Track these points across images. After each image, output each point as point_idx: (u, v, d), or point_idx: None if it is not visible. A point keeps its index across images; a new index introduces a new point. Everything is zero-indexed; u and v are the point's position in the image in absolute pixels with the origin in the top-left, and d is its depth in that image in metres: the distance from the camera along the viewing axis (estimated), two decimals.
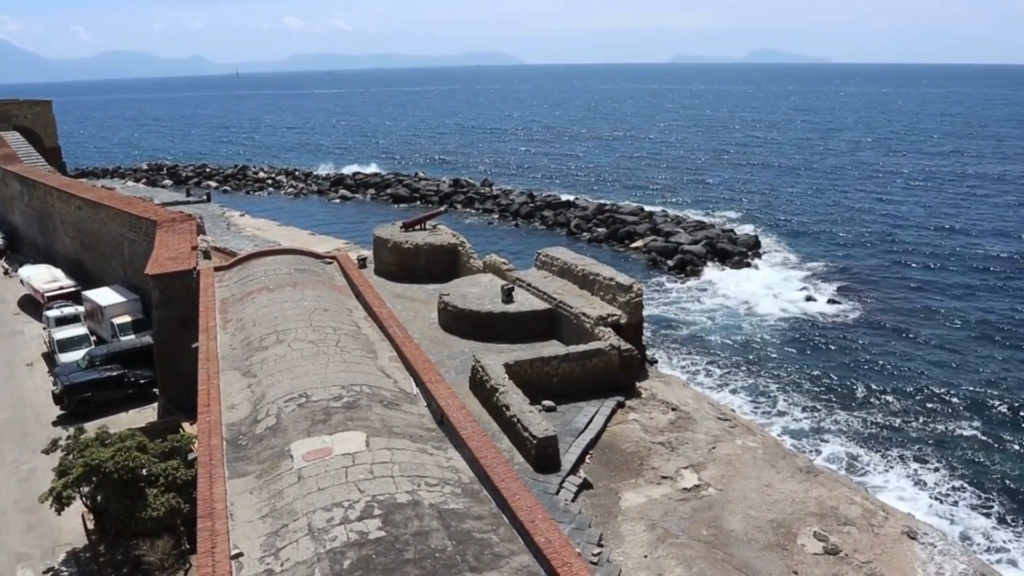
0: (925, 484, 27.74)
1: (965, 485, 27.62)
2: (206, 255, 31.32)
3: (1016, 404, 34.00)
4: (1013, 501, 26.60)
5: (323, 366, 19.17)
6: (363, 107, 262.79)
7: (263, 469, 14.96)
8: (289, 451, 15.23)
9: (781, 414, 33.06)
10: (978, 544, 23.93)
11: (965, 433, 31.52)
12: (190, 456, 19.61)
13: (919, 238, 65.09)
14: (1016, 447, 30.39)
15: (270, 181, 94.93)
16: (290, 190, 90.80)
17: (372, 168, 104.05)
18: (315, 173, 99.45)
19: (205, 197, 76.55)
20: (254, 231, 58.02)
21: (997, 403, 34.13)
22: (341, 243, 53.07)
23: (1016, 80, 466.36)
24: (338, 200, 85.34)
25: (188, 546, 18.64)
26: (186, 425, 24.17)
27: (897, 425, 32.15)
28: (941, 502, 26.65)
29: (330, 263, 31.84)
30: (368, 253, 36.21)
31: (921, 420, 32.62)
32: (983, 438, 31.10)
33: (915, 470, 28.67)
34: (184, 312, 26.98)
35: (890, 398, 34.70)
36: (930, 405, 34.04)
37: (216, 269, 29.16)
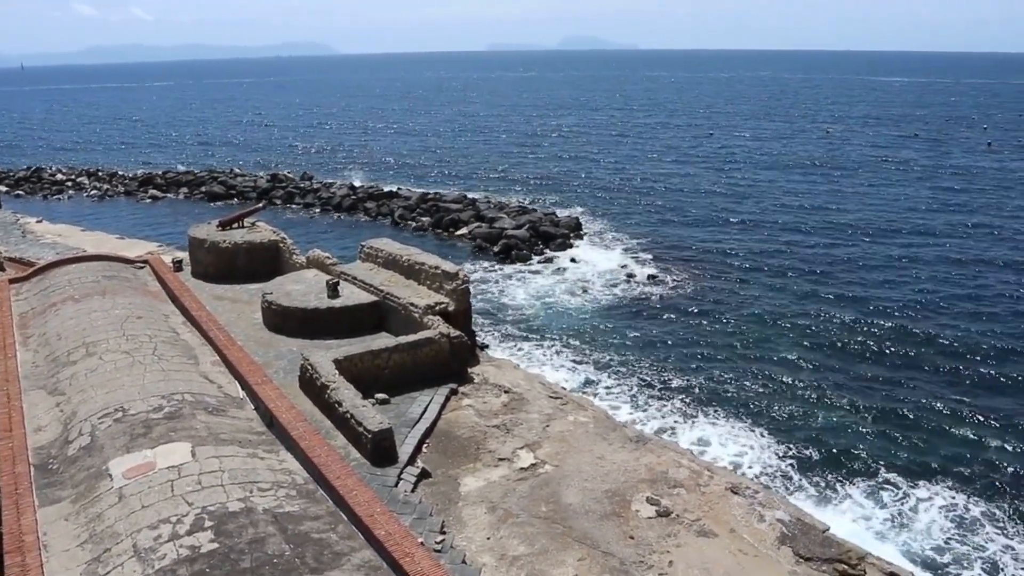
0: (745, 442, 29.65)
1: (782, 440, 29.73)
2: None
3: (827, 362, 36.90)
4: (824, 450, 28.94)
5: (140, 376, 18.16)
6: (170, 101, 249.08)
7: (79, 493, 14.02)
8: (107, 470, 14.35)
9: (609, 388, 34.34)
10: (795, 492, 25.91)
11: (781, 393, 33.88)
12: None
13: (729, 212, 69.32)
14: (824, 402, 32.98)
15: (70, 183, 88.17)
16: (93, 192, 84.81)
17: (184, 166, 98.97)
18: (120, 173, 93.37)
19: None
20: (55, 238, 53.79)
21: (810, 363, 36.88)
22: (154, 246, 50.19)
23: (817, 65, 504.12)
24: (148, 200, 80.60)
25: None
26: None
27: (718, 389, 34.14)
28: (759, 458, 28.58)
29: (142, 267, 30.19)
30: (184, 255, 34.45)
31: (741, 383, 34.78)
32: (797, 396, 33.53)
33: (736, 430, 30.58)
34: None
35: (710, 364, 36.79)
36: (748, 369, 36.34)
37: (11, 281, 26.96)
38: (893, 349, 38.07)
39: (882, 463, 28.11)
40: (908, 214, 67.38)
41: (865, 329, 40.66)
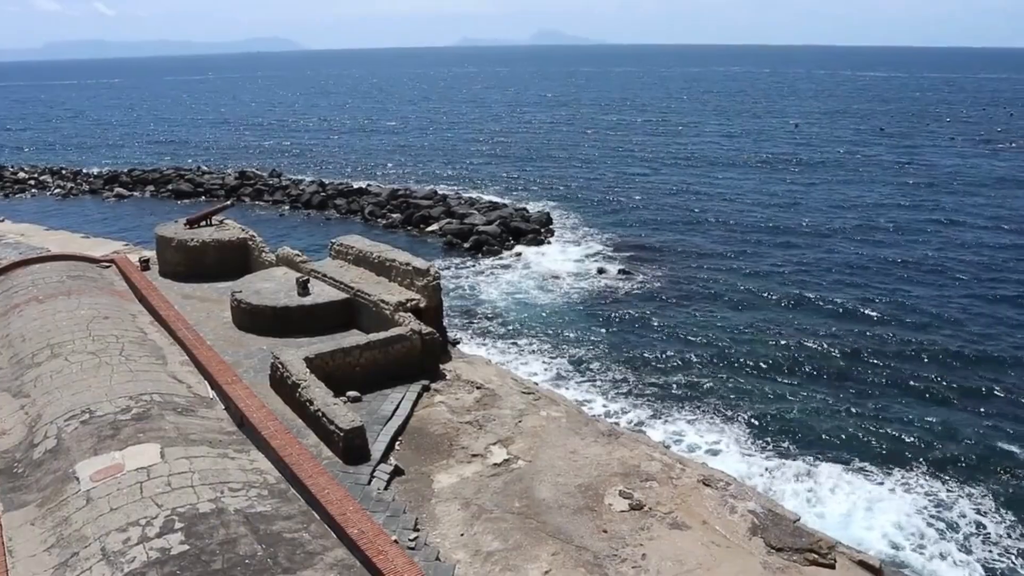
0: (717, 435, 29.89)
1: (753, 432, 30.04)
2: None
3: (797, 356, 37.26)
4: (793, 443, 29.25)
5: (107, 378, 17.91)
6: (134, 98, 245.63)
7: (45, 496, 13.80)
8: (74, 473, 14.14)
9: (581, 382, 34.45)
10: (766, 483, 26.16)
11: (753, 386, 34.16)
12: None
13: (699, 207, 69.78)
14: (795, 394, 33.34)
15: (32, 182, 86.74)
16: (57, 191, 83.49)
17: (150, 163, 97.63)
18: (85, 171, 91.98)
19: None
20: (17, 238, 52.84)
21: (780, 357, 37.21)
22: (120, 245, 49.47)
23: (784, 60, 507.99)
24: (114, 199, 79.47)
25: None
26: None
27: (688, 384, 34.36)
28: (732, 450, 28.82)
29: (108, 267, 29.81)
30: (151, 254, 34.00)
31: (713, 377, 35.04)
32: (768, 389, 33.83)
33: (708, 423, 30.82)
34: None
35: (681, 359, 37.01)
36: (720, 363, 36.62)
37: None
38: (862, 342, 38.55)
39: (852, 453, 28.50)
40: (875, 209, 68.36)
41: (835, 323, 41.14)
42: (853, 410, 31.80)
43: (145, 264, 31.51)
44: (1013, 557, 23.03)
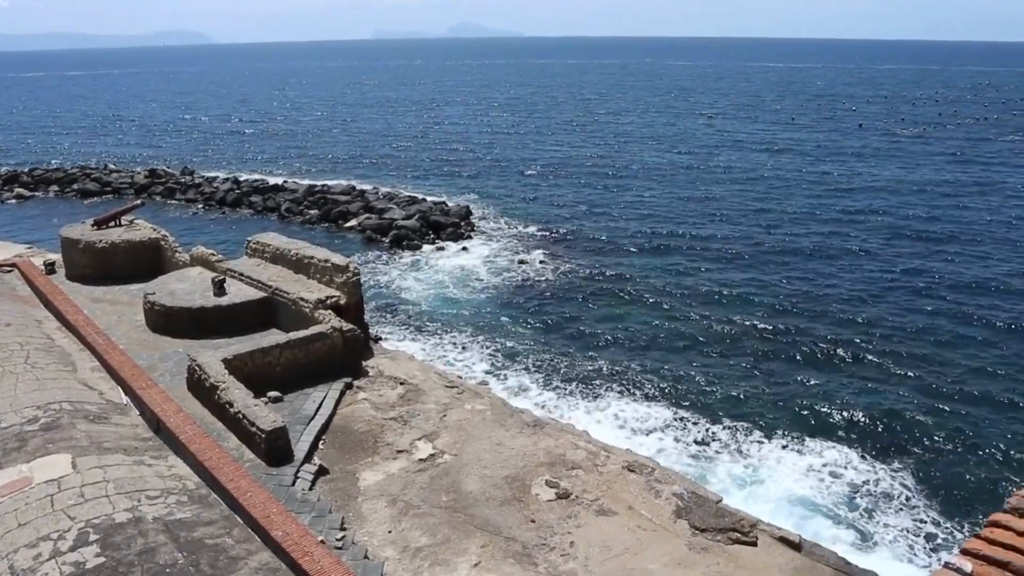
0: (640, 421, 30.34)
1: (676, 415, 30.63)
2: None
3: (719, 338, 38.13)
4: (716, 423, 29.97)
5: (11, 387, 17.16)
6: (30, 95, 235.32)
7: None
8: None
9: (505, 374, 34.55)
10: (687, 466, 26.69)
11: (675, 370, 34.78)
12: None
13: (616, 196, 70.65)
14: (717, 376, 34.08)
15: None
16: None
17: (55, 162, 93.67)
18: None
19: None
20: None
21: (702, 340, 38.02)
22: (22, 248, 47.43)
23: (692, 52, 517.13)
24: (14, 200, 76.03)
25: None
26: None
27: (611, 371, 34.80)
28: (655, 435, 29.31)
29: (9, 271, 28.60)
30: (57, 257, 32.69)
31: (633, 364, 35.53)
32: (690, 373, 34.49)
33: (631, 408, 31.28)
34: None
35: (602, 347, 37.46)
36: (643, 348, 37.22)
37: None
38: (780, 325, 39.64)
39: (773, 433, 29.30)
40: (786, 195, 70.54)
41: (753, 305, 42.24)
42: (774, 389, 32.72)
43: (50, 267, 30.30)
44: (927, 526, 24.06)
